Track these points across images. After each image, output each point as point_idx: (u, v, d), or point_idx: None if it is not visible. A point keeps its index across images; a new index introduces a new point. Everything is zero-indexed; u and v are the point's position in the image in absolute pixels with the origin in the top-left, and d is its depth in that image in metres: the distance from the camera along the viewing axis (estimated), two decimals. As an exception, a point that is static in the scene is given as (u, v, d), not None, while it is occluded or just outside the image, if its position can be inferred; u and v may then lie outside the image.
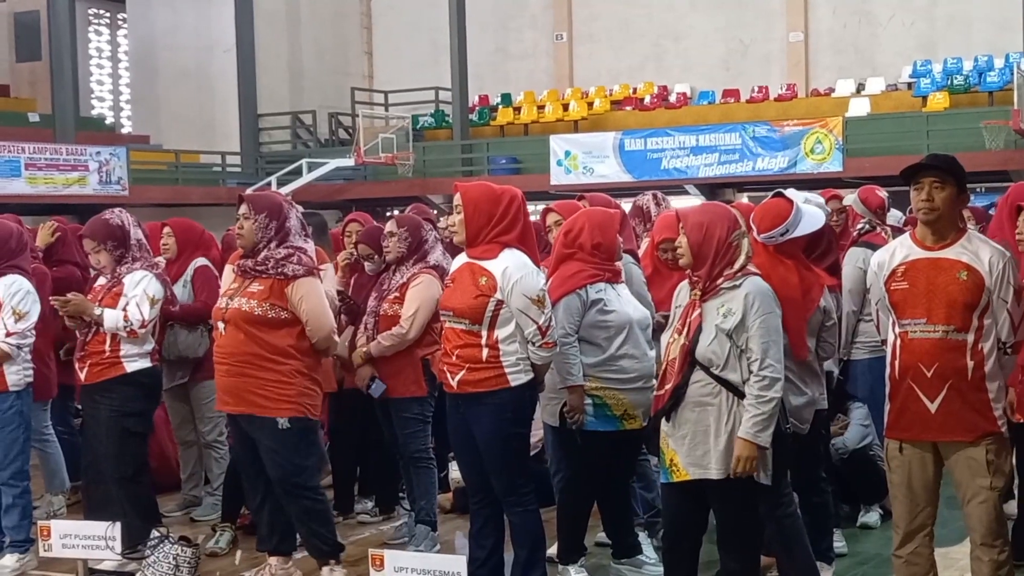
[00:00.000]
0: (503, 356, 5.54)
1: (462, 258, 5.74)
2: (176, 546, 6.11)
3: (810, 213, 5.53)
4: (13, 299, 6.57)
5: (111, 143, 27.12)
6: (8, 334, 6.53)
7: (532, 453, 7.12)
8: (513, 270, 5.53)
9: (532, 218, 6.09)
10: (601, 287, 5.83)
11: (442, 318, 5.75)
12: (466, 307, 5.53)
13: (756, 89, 28.80)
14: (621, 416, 5.77)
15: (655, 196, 7.60)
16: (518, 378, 5.57)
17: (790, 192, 5.63)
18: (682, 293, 5.16)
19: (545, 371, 5.72)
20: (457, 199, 5.64)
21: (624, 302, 5.86)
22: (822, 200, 6.54)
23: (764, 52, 29.91)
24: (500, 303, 5.52)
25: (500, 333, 5.54)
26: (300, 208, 6.27)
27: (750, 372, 4.84)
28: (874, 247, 6.53)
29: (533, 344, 5.55)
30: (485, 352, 5.54)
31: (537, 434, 7.00)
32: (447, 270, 7.01)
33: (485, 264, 5.58)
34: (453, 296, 5.62)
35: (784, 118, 25.64)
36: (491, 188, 5.70)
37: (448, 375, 5.63)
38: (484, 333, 5.54)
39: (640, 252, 6.81)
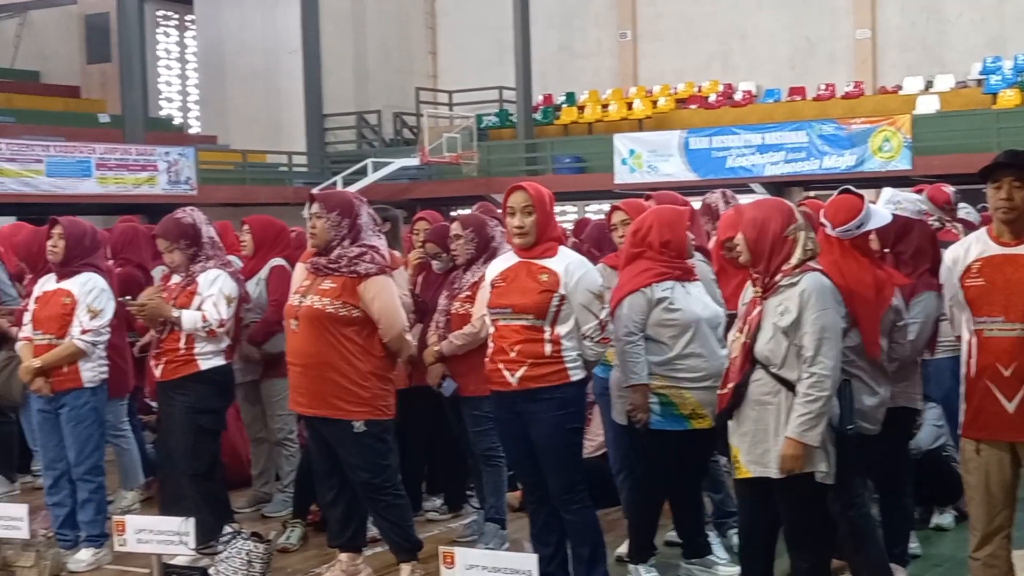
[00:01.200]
0: (564, 351, 5.56)
1: (508, 259, 5.76)
2: (248, 542, 6.15)
3: (875, 208, 5.48)
4: (88, 296, 6.66)
5: (180, 143, 27.41)
6: (84, 331, 6.62)
7: (596, 453, 7.12)
8: (575, 266, 5.60)
9: (597, 216, 6.09)
10: (668, 285, 5.80)
11: (493, 317, 5.72)
12: (531, 303, 5.54)
13: (823, 87, 28.56)
14: (689, 415, 5.74)
15: (724, 194, 7.57)
16: (576, 374, 5.61)
17: (885, 190, 5.59)
18: (748, 291, 5.14)
19: (593, 367, 5.76)
20: (527, 200, 5.61)
21: (693, 300, 5.83)
22: (916, 196, 6.41)
23: (831, 50, 29.65)
24: (563, 299, 5.54)
25: (561, 329, 5.55)
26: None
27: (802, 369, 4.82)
28: (945, 245, 6.45)
29: (591, 339, 5.58)
30: (548, 347, 5.55)
31: (600, 435, 6.99)
32: None
33: (544, 262, 5.60)
34: (510, 294, 5.62)
35: (851, 116, 25.40)
36: (541, 187, 5.75)
37: (506, 373, 5.61)
38: (547, 329, 5.55)
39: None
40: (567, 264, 5.60)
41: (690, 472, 6.01)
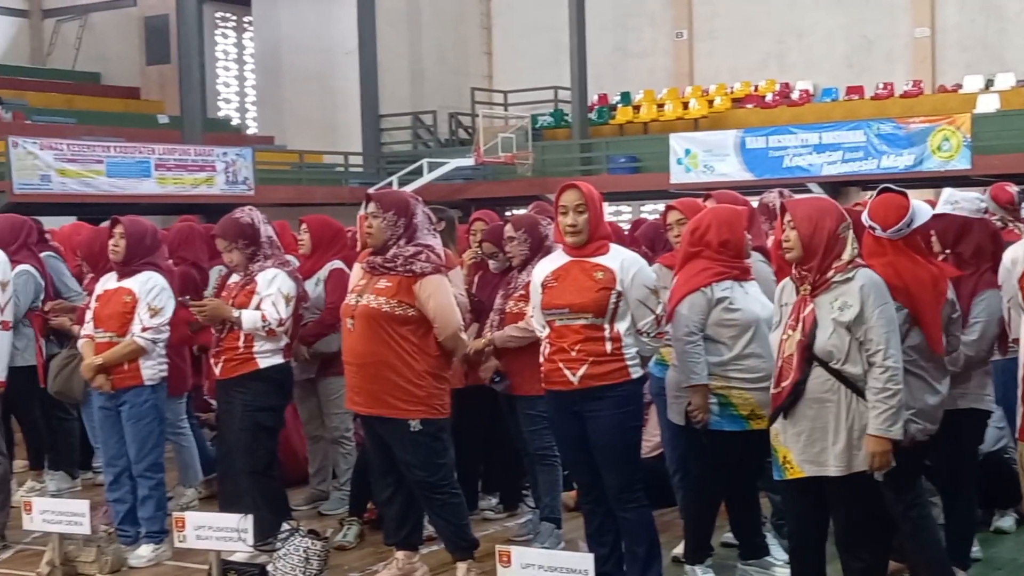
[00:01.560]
0: (624, 348, 5.56)
1: (556, 258, 5.73)
2: (306, 539, 6.18)
3: (917, 203, 5.44)
4: (149, 295, 6.74)
5: (237, 144, 27.64)
6: (144, 329, 6.70)
7: (653, 453, 7.11)
8: (629, 262, 5.60)
9: (651, 217, 6.10)
10: (727, 285, 5.77)
11: (548, 318, 5.69)
12: (589, 301, 5.52)
13: (881, 86, 28.31)
14: (748, 416, 5.71)
15: (781, 193, 7.52)
16: (636, 371, 5.62)
17: (944, 191, 5.55)
18: (786, 291, 5.13)
19: (648, 363, 5.77)
20: (579, 198, 5.60)
21: (751, 300, 5.80)
22: (975, 195, 6.34)
23: (889, 48, 29.38)
24: (620, 295, 5.54)
25: (620, 326, 5.55)
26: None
27: (870, 364, 4.79)
28: (1008, 244, 6.37)
29: (648, 335, 5.59)
30: (609, 345, 5.54)
31: (657, 435, 6.97)
32: None
33: (597, 260, 5.59)
34: (565, 294, 5.60)
35: (910, 115, 25.16)
36: (591, 186, 5.73)
37: (567, 372, 5.60)
38: (607, 327, 5.55)
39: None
40: (621, 260, 5.61)
41: (747, 472, 5.98)
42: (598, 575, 5.25)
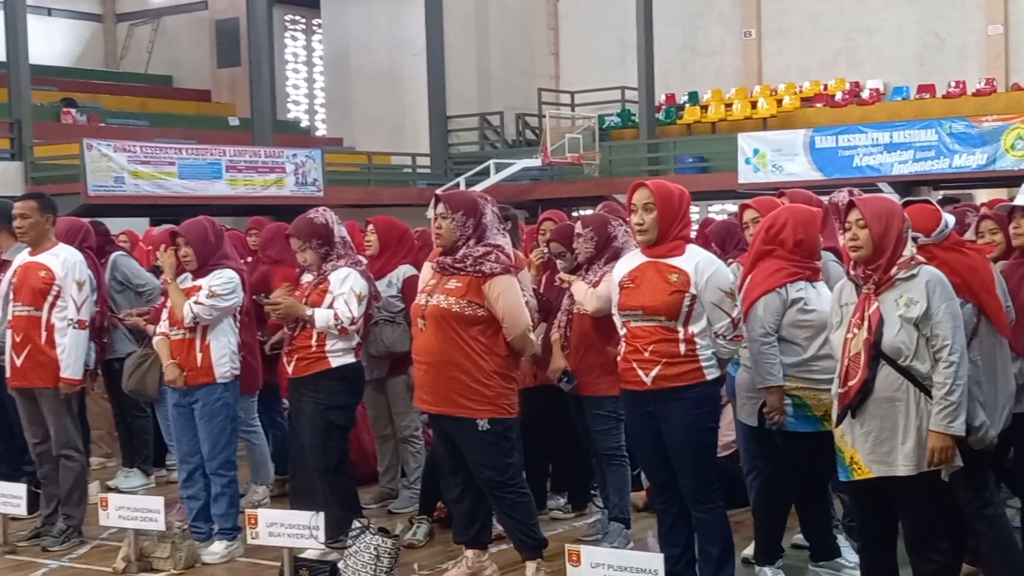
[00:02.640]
0: (699, 350, 5.53)
1: (634, 258, 5.71)
2: (376, 536, 6.21)
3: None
4: (214, 281, 6.81)
5: (307, 146, 27.83)
6: (196, 302, 6.77)
7: (726, 453, 7.08)
8: (705, 264, 5.56)
9: (721, 217, 6.05)
10: (801, 286, 5.75)
11: (624, 319, 5.67)
12: (662, 304, 5.51)
13: (953, 84, 27.91)
14: (822, 417, 5.67)
15: (851, 193, 7.45)
16: (712, 372, 5.58)
17: None
18: (845, 291, 5.11)
19: (727, 365, 5.73)
20: (647, 196, 5.59)
21: (824, 301, 5.73)
22: None
23: (961, 46, 28.96)
24: (694, 298, 5.51)
25: (694, 328, 5.52)
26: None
27: (936, 360, 4.77)
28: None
29: (724, 337, 5.55)
30: (683, 347, 5.52)
31: (729, 435, 6.95)
32: None
33: (672, 262, 5.57)
34: (640, 295, 5.58)
35: (983, 113, 24.77)
36: (670, 185, 5.71)
37: (640, 372, 5.59)
38: (680, 329, 5.52)
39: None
40: (696, 262, 5.57)
41: (819, 474, 5.94)
42: (668, 575, 5.25)
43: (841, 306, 5.11)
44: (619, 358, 5.74)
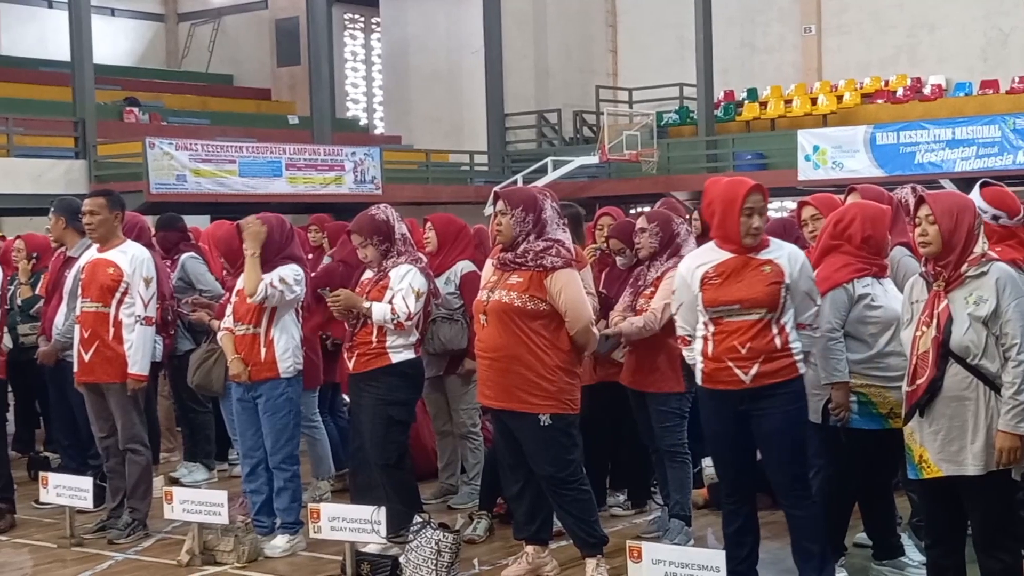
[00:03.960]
0: (791, 344, 5.48)
1: (710, 253, 5.59)
2: (438, 532, 6.23)
3: None
4: (284, 271, 6.87)
5: (365, 144, 27.99)
6: (271, 284, 6.81)
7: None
8: (794, 254, 5.53)
9: (778, 214, 6.01)
10: (868, 282, 5.70)
11: (714, 315, 5.52)
12: (763, 296, 5.41)
13: (1017, 79, 27.54)
14: (887, 414, 5.62)
15: (915, 189, 7.38)
16: (802, 366, 5.53)
17: None
18: (916, 288, 5.05)
19: (808, 359, 5.67)
20: (762, 200, 5.49)
21: (891, 297, 5.69)
22: None
23: (1026, 40, 28.59)
24: (788, 289, 5.46)
25: (785, 321, 5.47)
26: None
27: (1005, 359, 4.71)
28: None
29: (811, 327, 5.52)
30: (779, 341, 5.44)
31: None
32: None
33: (762, 255, 5.49)
34: (737, 289, 5.45)
35: (1048, 109, 24.47)
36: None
37: (737, 371, 5.44)
38: (776, 322, 5.45)
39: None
40: (788, 253, 5.53)
41: (883, 472, 5.89)
42: (730, 574, 5.23)
43: (912, 303, 5.05)
44: (702, 358, 5.59)
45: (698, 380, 5.65)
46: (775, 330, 5.45)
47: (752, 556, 5.70)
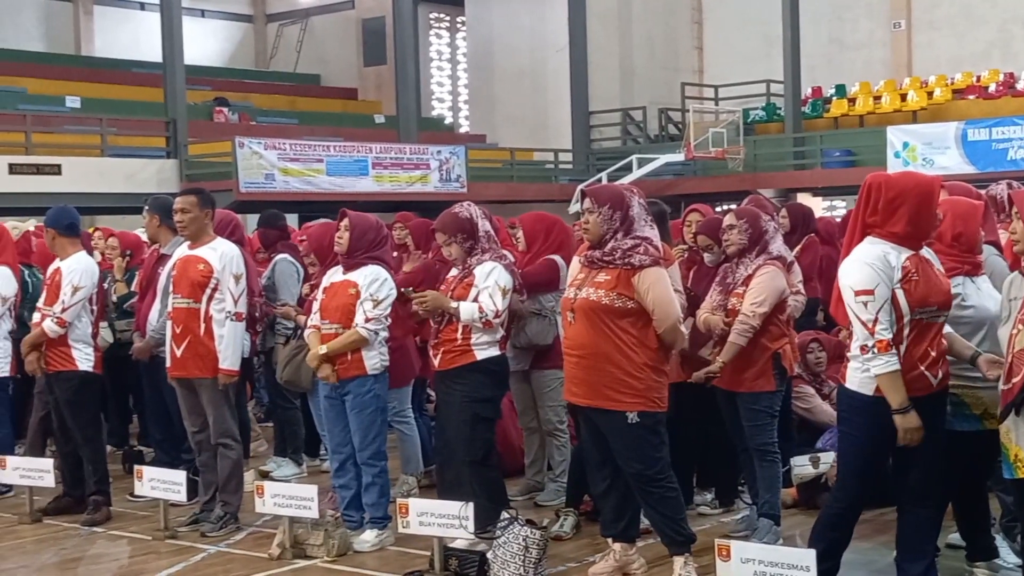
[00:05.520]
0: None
1: (895, 248, 5.24)
2: (525, 528, 6.24)
3: None
4: (371, 287, 6.93)
5: (450, 142, 28.13)
6: (367, 320, 6.89)
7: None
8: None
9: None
10: (959, 281, 5.57)
11: (918, 316, 5.16)
12: (949, 298, 5.25)
13: (1113, 73, 26.96)
14: (981, 415, 5.51)
15: (1010, 185, 7.26)
16: None
17: None
18: (1014, 285, 4.96)
19: None
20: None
21: (984, 296, 5.58)
22: None
23: (1124, 35, 27.96)
24: None
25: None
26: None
27: None
28: None
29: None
30: (945, 343, 5.31)
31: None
32: (788, 259, 6.94)
33: (929, 257, 5.33)
34: (940, 290, 5.21)
35: None
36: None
37: (930, 377, 5.21)
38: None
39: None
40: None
41: (977, 473, 5.78)
42: (820, 574, 5.16)
43: (1010, 300, 4.95)
44: (890, 366, 5.11)
45: (870, 390, 5.18)
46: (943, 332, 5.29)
47: (840, 557, 5.62)
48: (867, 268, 5.14)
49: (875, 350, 5.07)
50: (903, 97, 28.73)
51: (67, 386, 7.88)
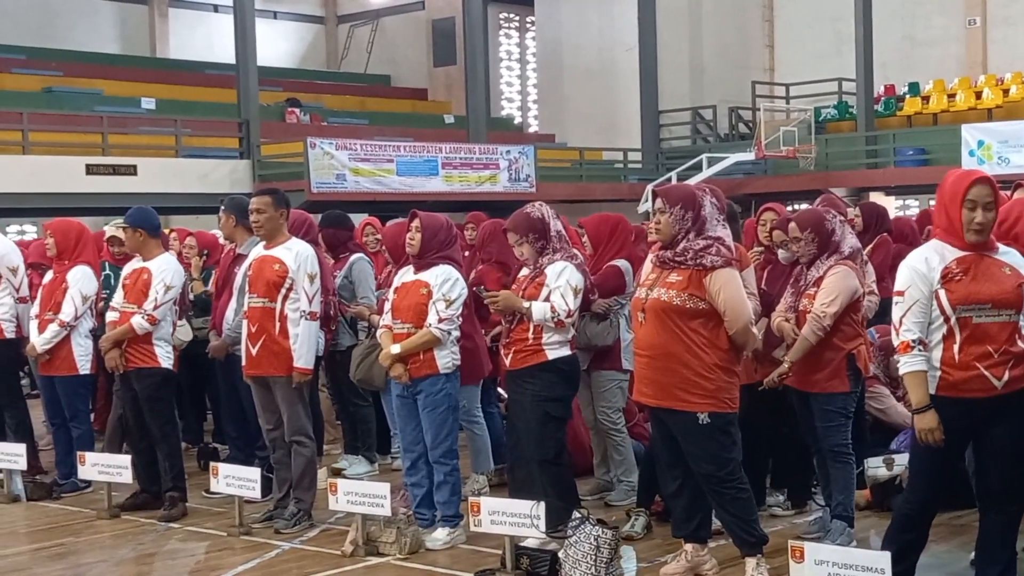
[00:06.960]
0: None
1: (942, 247, 5.19)
2: (596, 527, 6.23)
3: None
4: (443, 287, 6.97)
5: (520, 142, 28.18)
6: (440, 320, 6.94)
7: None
8: (1020, 257, 5.28)
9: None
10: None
11: (965, 315, 5.10)
12: (1014, 296, 5.12)
13: None
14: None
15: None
16: None
17: None
18: None
19: None
20: (989, 194, 5.13)
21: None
22: None
23: None
24: None
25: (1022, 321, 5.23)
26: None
27: None
28: None
29: None
30: (1021, 344, 5.18)
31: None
32: (862, 257, 6.88)
33: (1000, 256, 5.23)
34: (988, 287, 5.12)
35: None
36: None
37: (991, 377, 5.11)
38: (1018, 324, 5.18)
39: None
40: (1016, 255, 5.25)
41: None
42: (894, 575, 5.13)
43: None
44: (946, 364, 5.14)
45: (932, 389, 5.16)
46: (1020, 331, 5.17)
47: (915, 559, 5.57)
48: (905, 270, 5.21)
49: (898, 350, 5.16)
50: (978, 95, 28.35)
51: (148, 383, 8.02)
